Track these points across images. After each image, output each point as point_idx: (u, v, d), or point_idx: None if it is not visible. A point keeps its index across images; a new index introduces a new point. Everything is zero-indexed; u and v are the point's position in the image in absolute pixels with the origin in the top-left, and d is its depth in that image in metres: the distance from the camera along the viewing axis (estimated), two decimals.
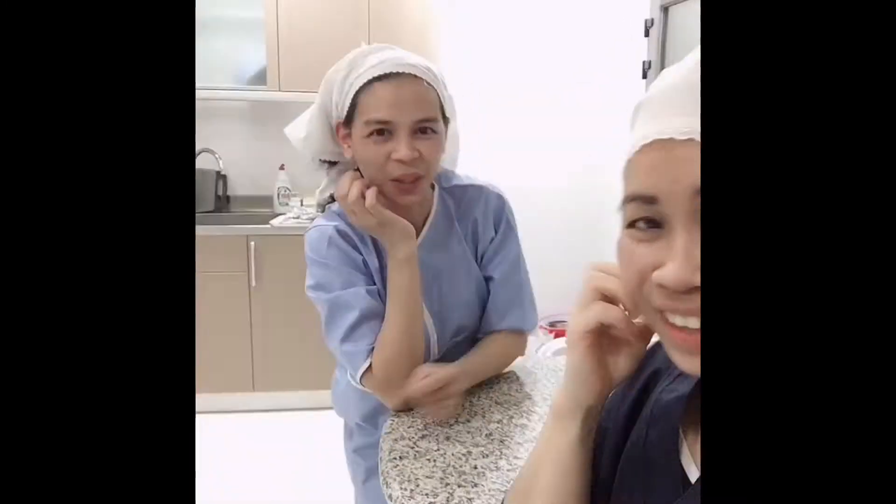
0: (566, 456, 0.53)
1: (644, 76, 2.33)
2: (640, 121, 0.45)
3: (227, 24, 2.78)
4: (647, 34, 2.31)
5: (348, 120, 0.97)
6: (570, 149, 3.16)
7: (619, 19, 2.94)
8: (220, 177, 2.95)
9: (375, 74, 0.92)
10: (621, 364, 0.52)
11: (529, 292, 1.14)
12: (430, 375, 0.94)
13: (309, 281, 1.04)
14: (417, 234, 1.05)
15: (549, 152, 3.14)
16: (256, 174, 3.01)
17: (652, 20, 2.27)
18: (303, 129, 1.06)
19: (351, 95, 0.95)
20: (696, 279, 0.39)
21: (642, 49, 2.35)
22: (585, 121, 3.14)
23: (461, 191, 1.10)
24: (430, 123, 0.94)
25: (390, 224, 0.96)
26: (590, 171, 3.17)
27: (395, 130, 0.93)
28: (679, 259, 0.39)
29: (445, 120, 1.01)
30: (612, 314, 0.48)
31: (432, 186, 1.08)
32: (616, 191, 0.47)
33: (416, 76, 0.93)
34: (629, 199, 0.43)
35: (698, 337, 0.40)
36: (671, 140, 0.40)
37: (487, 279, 1.11)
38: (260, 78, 2.74)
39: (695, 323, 0.41)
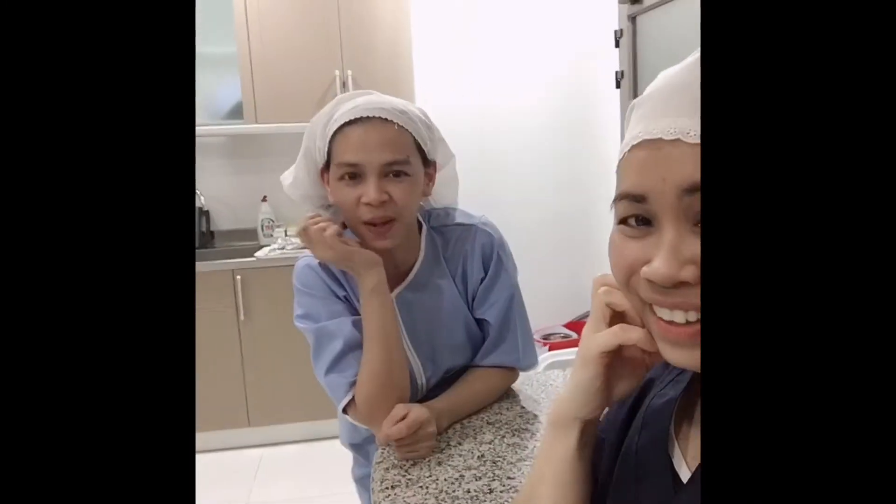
0: (564, 467, 0.53)
1: (617, 86, 2.35)
2: (632, 121, 0.46)
3: (200, 61, 2.79)
4: (617, 45, 2.33)
5: (327, 164, 0.99)
6: (551, 164, 3.18)
7: (590, 32, 2.98)
8: (203, 213, 2.94)
9: (347, 119, 0.94)
10: (624, 383, 0.52)
11: (525, 331, 1.10)
12: (404, 418, 0.92)
13: (297, 311, 1.03)
14: (405, 276, 1.04)
15: (529, 168, 3.15)
16: (239, 208, 3.00)
17: (621, 31, 2.29)
18: (291, 175, 1.07)
19: (327, 140, 0.97)
20: (682, 275, 0.40)
21: (614, 60, 2.37)
22: (565, 134, 3.16)
23: (449, 231, 1.08)
24: (400, 166, 0.94)
25: (351, 256, 0.96)
26: (574, 184, 3.19)
27: (364, 173, 0.93)
28: (665, 255, 0.41)
29: (428, 162, 1.01)
30: (633, 336, 0.48)
31: (420, 228, 1.08)
32: (600, 200, 0.47)
33: (385, 119, 0.94)
34: (620, 197, 0.44)
35: (684, 329, 0.42)
36: (660, 140, 0.41)
37: (480, 321, 1.09)
38: (236, 112, 2.75)
39: (681, 317, 0.42)
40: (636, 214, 0.43)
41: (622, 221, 0.45)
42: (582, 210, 3.20)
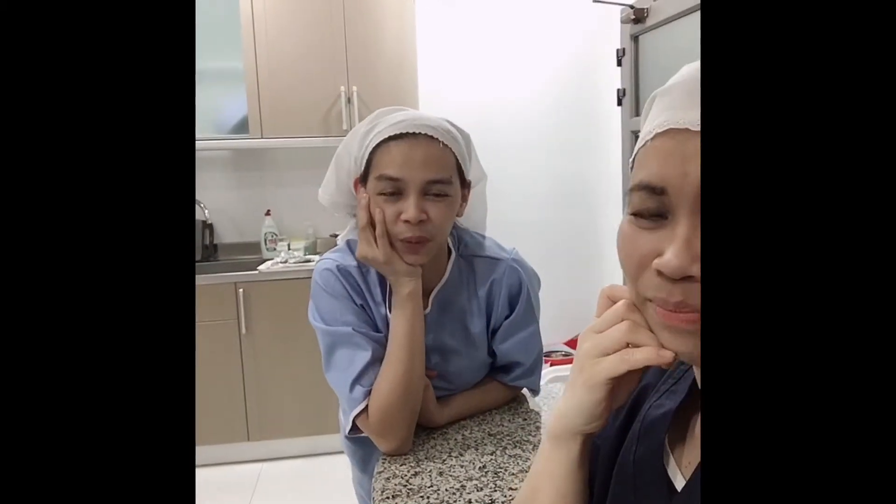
0: (563, 480, 0.53)
1: (619, 104, 2.37)
2: (654, 110, 0.45)
3: (207, 76, 2.81)
4: (619, 63, 2.35)
5: (364, 176, 0.98)
6: (553, 181, 3.19)
7: (591, 51, 3.01)
8: (207, 226, 2.95)
9: (391, 133, 0.94)
10: (622, 393, 0.51)
11: (540, 362, 1.14)
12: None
13: (314, 310, 1.03)
14: (427, 298, 1.04)
15: (530, 186, 3.17)
16: (242, 221, 3.01)
17: (623, 50, 2.32)
18: (324, 181, 1.08)
19: (368, 152, 0.96)
20: (693, 269, 0.40)
21: (616, 78, 2.40)
22: (565, 151, 3.18)
23: (478, 262, 1.08)
24: (441, 186, 0.94)
25: (395, 261, 0.96)
26: (575, 202, 3.20)
27: (405, 190, 0.93)
28: (677, 248, 0.40)
29: (465, 182, 1.01)
30: (639, 357, 0.46)
31: (449, 252, 1.07)
32: (602, 218, 0.47)
33: (431, 137, 0.94)
34: (638, 188, 0.43)
35: (685, 315, 0.41)
36: (686, 130, 0.40)
37: (495, 352, 1.10)
38: (242, 126, 2.77)
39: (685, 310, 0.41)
40: (652, 207, 0.42)
41: (635, 213, 0.44)
42: (583, 229, 3.20)
